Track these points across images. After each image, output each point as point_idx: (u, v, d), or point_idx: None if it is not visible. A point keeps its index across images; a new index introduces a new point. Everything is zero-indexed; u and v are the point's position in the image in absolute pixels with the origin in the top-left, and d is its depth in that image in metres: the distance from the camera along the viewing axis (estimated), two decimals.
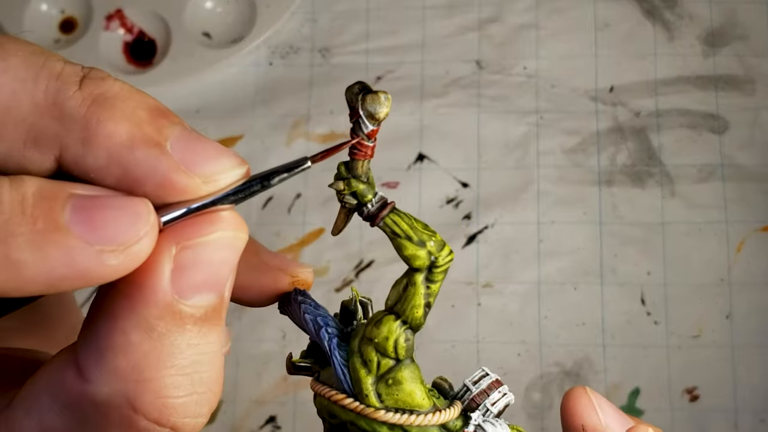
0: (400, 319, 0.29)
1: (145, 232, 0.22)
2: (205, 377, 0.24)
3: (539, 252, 0.78)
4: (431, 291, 0.29)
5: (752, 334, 0.75)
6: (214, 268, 0.23)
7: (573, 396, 0.31)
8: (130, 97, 0.23)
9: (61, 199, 0.21)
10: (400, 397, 0.29)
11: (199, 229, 0.23)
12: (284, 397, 0.77)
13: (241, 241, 0.24)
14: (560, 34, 0.84)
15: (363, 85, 0.27)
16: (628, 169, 0.80)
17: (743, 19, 0.82)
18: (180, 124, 0.23)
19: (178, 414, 0.23)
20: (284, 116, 0.85)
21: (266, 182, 0.24)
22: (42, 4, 0.88)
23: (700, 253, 0.77)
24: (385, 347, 0.29)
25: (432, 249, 0.28)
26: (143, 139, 0.22)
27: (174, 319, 0.22)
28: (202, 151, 0.23)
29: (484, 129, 0.82)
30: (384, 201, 0.29)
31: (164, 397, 0.23)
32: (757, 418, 0.73)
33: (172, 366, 0.23)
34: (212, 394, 0.24)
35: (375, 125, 0.27)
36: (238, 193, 0.24)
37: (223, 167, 0.23)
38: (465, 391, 0.31)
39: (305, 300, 0.31)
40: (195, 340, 0.23)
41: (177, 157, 0.22)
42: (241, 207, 0.87)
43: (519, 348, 0.77)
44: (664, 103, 0.81)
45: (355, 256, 0.80)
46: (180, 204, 0.23)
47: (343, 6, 0.87)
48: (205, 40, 0.87)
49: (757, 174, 0.78)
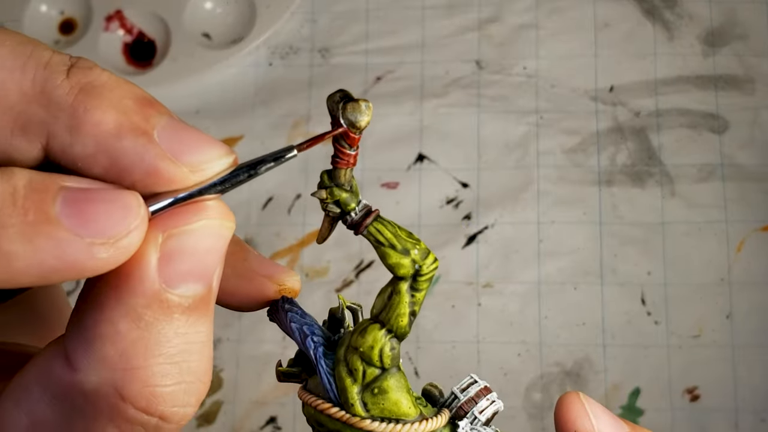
0: (385, 327, 0.29)
1: (135, 225, 0.22)
2: (194, 366, 0.24)
3: (539, 252, 0.78)
4: (416, 299, 0.29)
5: (753, 333, 0.75)
6: (201, 257, 0.23)
7: (566, 402, 0.31)
8: (117, 87, 0.23)
9: (52, 192, 0.21)
10: (385, 406, 0.29)
11: (184, 218, 0.23)
12: (285, 398, 0.77)
13: (228, 230, 0.24)
14: (560, 34, 0.84)
15: (344, 94, 0.27)
16: (628, 169, 0.80)
17: (743, 19, 0.82)
18: (167, 114, 0.23)
19: (166, 403, 0.23)
20: (284, 116, 0.85)
21: (253, 171, 0.24)
22: (42, 5, 0.88)
23: (700, 253, 0.77)
24: (371, 356, 0.29)
25: (416, 257, 0.28)
26: (130, 127, 0.22)
27: (161, 308, 0.23)
28: (190, 140, 0.23)
29: (484, 129, 0.82)
30: (368, 209, 0.29)
31: (152, 385, 0.23)
32: (758, 418, 0.73)
33: (159, 354, 0.23)
34: (201, 384, 0.24)
35: (356, 134, 0.27)
36: (225, 182, 0.24)
37: (211, 156, 0.23)
38: (453, 399, 0.31)
39: (292, 308, 0.31)
40: (183, 329, 0.23)
41: (164, 146, 0.22)
42: (242, 208, 0.87)
43: (519, 348, 0.77)
44: (664, 103, 0.81)
45: (355, 257, 0.80)
46: (168, 194, 0.23)
47: (342, 6, 0.87)
48: (204, 40, 0.87)
49: (757, 174, 0.78)
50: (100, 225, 0.21)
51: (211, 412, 0.77)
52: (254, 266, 0.30)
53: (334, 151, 0.28)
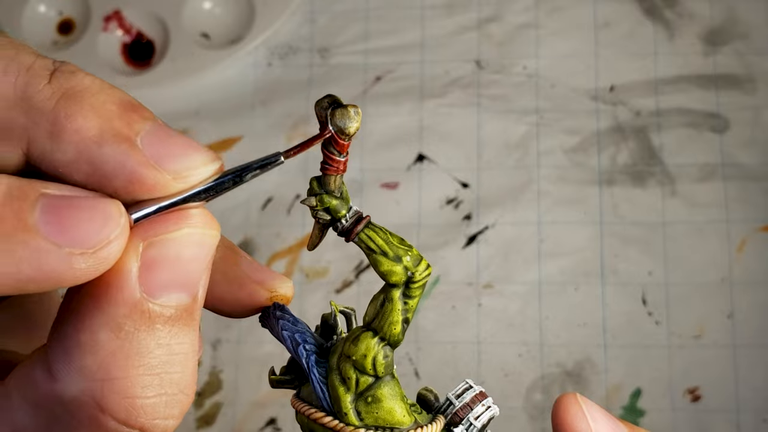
0: (378, 335, 0.29)
1: (116, 234, 0.21)
2: (176, 378, 0.23)
3: (540, 252, 0.78)
4: (409, 306, 0.29)
5: (754, 333, 0.75)
6: (183, 266, 0.23)
7: (563, 403, 0.30)
8: (100, 91, 0.22)
9: (31, 199, 0.21)
10: (380, 415, 0.28)
11: (165, 226, 0.22)
12: (284, 399, 0.76)
13: (211, 238, 0.23)
14: (560, 34, 0.84)
15: (332, 99, 0.26)
16: (629, 168, 0.79)
17: (743, 17, 0.82)
18: (151, 119, 0.23)
19: (147, 415, 0.23)
20: (283, 117, 0.84)
21: (238, 179, 0.24)
22: (40, 6, 0.87)
23: (701, 253, 0.77)
24: (364, 365, 0.28)
25: (408, 264, 0.28)
26: (112, 133, 0.22)
27: (143, 319, 0.22)
28: (174, 146, 0.22)
29: (484, 129, 0.82)
30: (359, 215, 0.29)
31: (132, 397, 0.22)
32: (759, 418, 0.73)
33: (140, 365, 0.22)
34: (184, 396, 0.24)
35: (345, 140, 0.27)
36: (210, 190, 0.23)
37: (194, 163, 0.23)
38: (448, 405, 0.31)
39: (283, 315, 0.31)
40: (165, 340, 0.23)
41: (147, 152, 0.22)
42: (241, 208, 0.87)
43: (520, 349, 0.76)
44: (664, 103, 0.81)
45: (355, 257, 0.79)
46: (151, 201, 0.22)
47: (342, 6, 0.87)
48: (203, 41, 0.87)
49: (758, 173, 0.78)
50: (80, 234, 0.21)
51: (211, 413, 0.77)
52: (246, 272, 0.30)
53: (323, 158, 0.27)
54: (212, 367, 0.78)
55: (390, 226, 0.30)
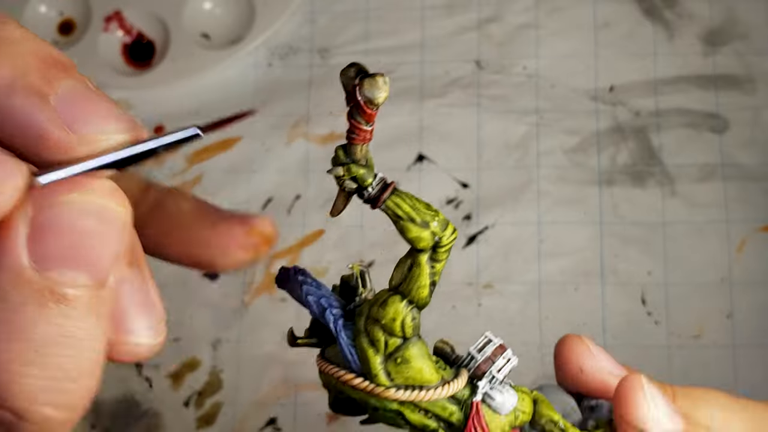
0: (406, 299, 0.29)
1: (7, 187, 0.20)
2: (65, 363, 0.21)
3: (540, 252, 0.78)
4: (436, 270, 0.29)
5: (753, 333, 0.75)
6: (78, 240, 0.21)
7: (569, 342, 0.31)
8: (24, 43, 0.22)
9: None
10: (409, 375, 0.29)
11: (57, 191, 0.21)
12: (285, 399, 0.76)
13: (114, 213, 0.22)
14: (560, 34, 0.84)
15: (359, 68, 0.26)
16: (629, 168, 0.79)
17: (743, 18, 0.82)
18: (76, 79, 0.22)
19: (22, 397, 0.21)
20: (284, 117, 0.84)
21: (152, 152, 0.23)
22: (40, 6, 0.88)
23: (700, 253, 0.77)
24: (393, 328, 0.29)
25: (436, 230, 0.28)
26: (24, 86, 0.21)
27: (30, 292, 0.20)
28: (89, 109, 0.21)
29: (484, 129, 0.82)
30: (384, 182, 0.29)
31: (8, 372, 0.20)
32: None
33: (23, 339, 0.20)
34: (72, 385, 0.21)
35: (374, 109, 0.27)
36: (126, 160, 0.22)
37: (106, 130, 0.22)
38: (470, 359, 0.32)
39: (306, 279, 0.31)
40: (58, 320, 0.21)
41: (60, 111, 0.21)
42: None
43: (520, 349, 0.76)
44: (664, 103, 0.81)
45: (355, 258, 0.79)
46: (64, 165, 0.21)
47: (342, 6, 0.87)
48: (204, 41, 0.87)
49: (758, 173, 0.78)
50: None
51: (211, 413, 0.77)
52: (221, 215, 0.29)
53: (350, 127, 0.27)
54: (212, 367, 0.78)
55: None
